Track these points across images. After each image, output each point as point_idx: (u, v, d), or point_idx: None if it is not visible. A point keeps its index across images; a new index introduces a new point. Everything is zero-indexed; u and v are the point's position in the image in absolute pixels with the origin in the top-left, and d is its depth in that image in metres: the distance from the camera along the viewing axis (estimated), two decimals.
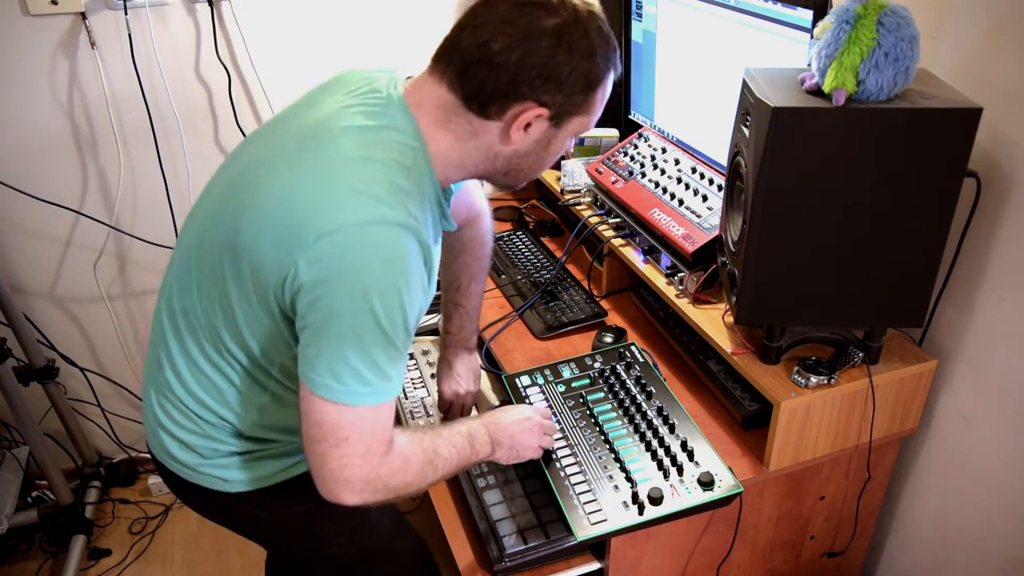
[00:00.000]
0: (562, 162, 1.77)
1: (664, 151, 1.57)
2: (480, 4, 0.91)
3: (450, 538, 1.20)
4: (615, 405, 1.28)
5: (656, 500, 1.11)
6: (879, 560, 1.52)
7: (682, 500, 1.11)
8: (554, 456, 1.19)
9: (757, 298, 1.11)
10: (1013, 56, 1.05)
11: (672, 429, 1.22)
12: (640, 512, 1.10)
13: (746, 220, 1.07)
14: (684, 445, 1.19)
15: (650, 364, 1.37)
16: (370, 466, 0.92)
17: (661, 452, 1.18)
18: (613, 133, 1.84)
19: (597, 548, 1.16)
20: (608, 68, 0.94)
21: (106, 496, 2.26)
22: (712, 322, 1.29)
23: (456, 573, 1.15)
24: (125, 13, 1.77)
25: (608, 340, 1.46)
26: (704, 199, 1.39)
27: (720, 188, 1.37)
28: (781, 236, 1.06)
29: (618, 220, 1.58)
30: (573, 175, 1.75)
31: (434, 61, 0.95)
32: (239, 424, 1.05)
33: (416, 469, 0.98)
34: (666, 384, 1.32)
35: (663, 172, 1.52)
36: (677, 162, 1.52)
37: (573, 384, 1.34)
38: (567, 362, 1.39)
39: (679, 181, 1.47)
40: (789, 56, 1.24)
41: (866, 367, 1.18)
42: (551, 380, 1.35)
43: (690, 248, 1.32)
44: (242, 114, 1.98)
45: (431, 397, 1.48)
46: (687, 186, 1.45)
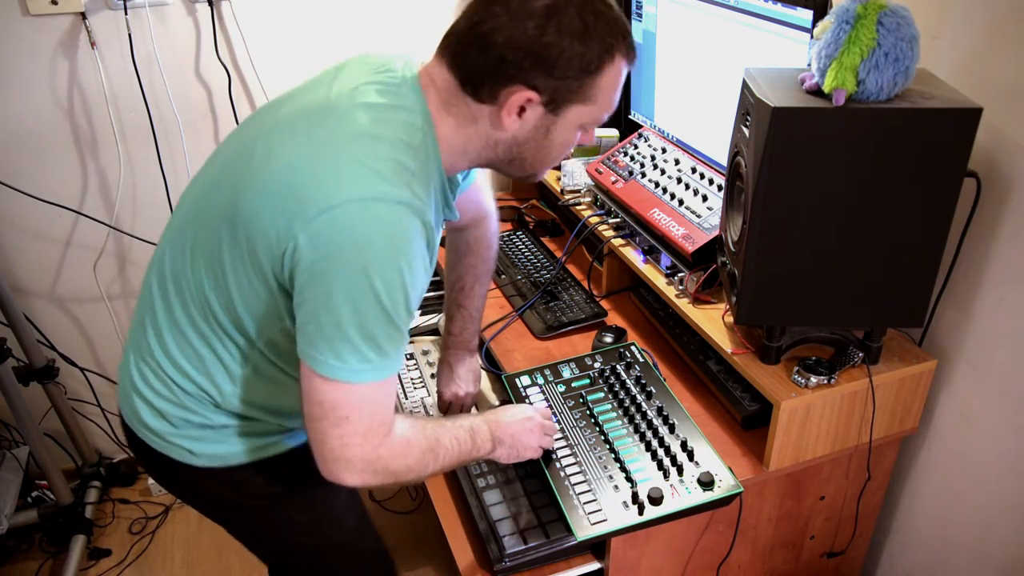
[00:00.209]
0: (562, 162, 1.77)
1: (664, 151, 1.57)
2: None
3: (450, 538, 1.20)
4: (615, 405, 1.28)
5: (656, 500, 1.11)
6: (879, 560, 1.52)
7: (682, 500, 1.11)
8: (554, 456, 1.19)
9: (757, 298, 1.11)
10: (1013, 56, 1.05)
11: (672, 429, 1.22)
12: (640, 512, 1.10)
13: (746, 220, 1.07)
14: (684, 445, 1.19)
15: (650, 364, 1.37)
16: (371, 446, 0.91)
17: (661, 452, 1.18)
18: (613, 133, 1.84)
19: (597, 548, 1.16)
20: (608, 54, 0.90)
21: (106, 496, 2.26)
22: (712, 322, 1.29)
23: (456, 573, 1.15)
24: (125, 13, 1.77)
25: (608, 340, 1.46)
26: (704, 199, 1.39)
27: (720, 188, 1.37)
28: (781, 236, 1.06)
29: (618, 220, 1.58)
30: (573, 175, 1.75)
31: (440, 43, 0.95)
32: (217, 396, 1.03)
33: (417, 455, 0.98)
34: (666, 384, 1.32)
35: (663, 172, 1.52)
36: (677, 162, 1.52)
37: (573, 384, 1.34)
38: (567, 362, 1.39)
39: (679, 181, 1.47)
40: (789, 56, 1.24)
41: (866, 367, 1.18)
42: (551, 380, 1.35)
43: (690, 248, 1.32)
44: (242, 114, 1.98)
45: (431, 397, 1.48)
46: (687, 186, 1.45)
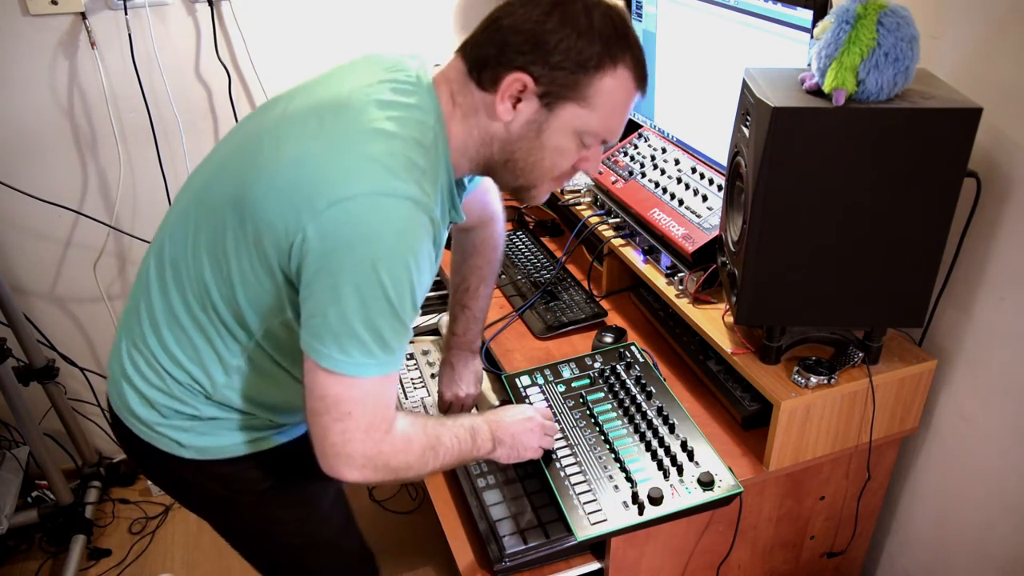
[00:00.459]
0: None
1: (664, 151, 1.57)
2: None
3: (450, 538, 1.20)
4: (615, 405, 1.28)
5: (656, 500, 1.11)
6: (879, 560, 1.52)
7: (682, 500, 1.11)
8: (554, 456, 1.19)
9: (757, 298, 1.11)
10: (1013, 56, 1.05)
11: (672, 429, 1.22)
12: (640, 512, 1.10)
13: (746, 220, 1.07)
14: (684, 445, 1.19)
15: (650, 364, 1.37)
16: (372, 442, 0.91)
17: (661, 452, 1.18)
18: None
19: (597, 548, 1.16)
20: (608, 57, 0.90)
21: (106, 496, 2.26)
22: (712, 322, 1.29)
23: (456, 573, 1.15)
24: (125, 13, 1.77)
25: (608, 340, 1.46)
26: (704, 199, 1.39)
27: (720, 188, 1.37)
28: (781, 236, 1.06)
29: (618, 220, 1.58)
30: None
31: (461, 44, 0.97)
32: (209, 388, 1.02)
33: (418, 452, 0.98)
34: (666, 384, 1.32)
35: (663, 172, 1.52)
36: (677, 162, 1.52)
37: (573, 384, 1.34)
38: (567, 362, 1.39)
39: (679, 181, 1.47)
40: (789, 56, 1.24)
41: (866, 367, 1.18)
42: (551, 380, 1.35)
43: (690, 248, 1.32)
44: (242, 114, 1.98)
45: (431, 397, 1.48)
46: (687, 186, 1.45)
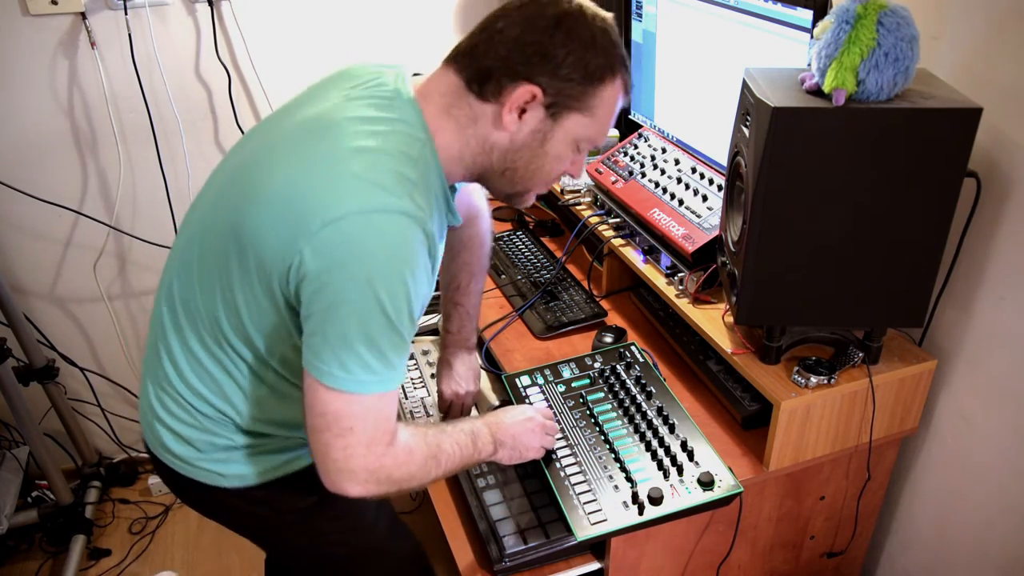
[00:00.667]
0: None
1: (664, 151, 1.57)
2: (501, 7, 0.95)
3: (450, 538, 1.20)
4: (615, 405, 1.28)
5: (656, 500, 1.11)
6: (879, 560, 1.52)
7: (682, 500, 1.11)
8: (554, 456, 1.19)
9: (757, 298, 1.11)
10: (1013, 56, 1.05)
11: (672, 429, 1.22)
12: (640, 512, 1.10)
13: (746, 220, 1.07)
14: (684, 445, 1.19)
15: (650, 364, 1.37)
16: (374, 456, 0.92)
17: (661, 452, 1.18)
18: (613, 133, 1.84)
19: (597, 548, 1.16)
20: (609, 69, 0.94)
21: (106, 496, 2.26)
22: (712, 322, 1.29)
23: (456, 573, 1.15)
24: (125, 13, 1.77)
25: (608, 340, 1.46)
26: (704, 199, 1.39)
27: (720, 188, 1.37)
28: (781, 236, 1.06)
29: (618, 220, 1.58)
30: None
31: (446, 56, 0.98)
32: (236, 418, 1.05)
33: (419, 462, 0.98)
34: (666, 384, 1.32)
35: (663, 172, 1.52)
36: (677, 162, 1.52)
37: (573, 384, 1.34)
38: (567, 362, 1.39)
39: (679, 181, 1.47)
40: (789, 56, 1.24)
41: (866, 367, 1.18)
42: (551, 380, 1.35)
43: (690, 248, 1.32)
44: (242, 114, 1.98)
45: (431, 397, 1.48)
46: (687, 186, 1.45)
